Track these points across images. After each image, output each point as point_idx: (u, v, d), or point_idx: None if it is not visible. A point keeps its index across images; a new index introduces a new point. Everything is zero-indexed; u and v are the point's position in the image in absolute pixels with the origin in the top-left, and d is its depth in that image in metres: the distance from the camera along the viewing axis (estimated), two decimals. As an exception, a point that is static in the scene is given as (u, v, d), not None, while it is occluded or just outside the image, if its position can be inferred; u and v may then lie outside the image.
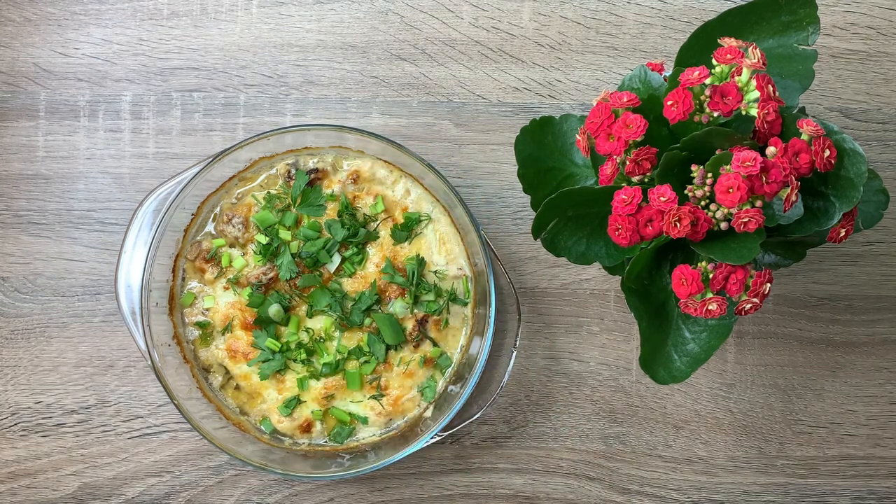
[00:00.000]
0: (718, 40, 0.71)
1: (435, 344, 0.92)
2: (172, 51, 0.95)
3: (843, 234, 0.73)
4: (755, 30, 0.75)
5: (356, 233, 0.91)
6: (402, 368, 0.92)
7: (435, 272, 0.92)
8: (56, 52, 0.95)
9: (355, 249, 0.92)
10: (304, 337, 0.92)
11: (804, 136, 0.68)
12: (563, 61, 0.95)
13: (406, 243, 0.92)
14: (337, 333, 0.92)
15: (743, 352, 0.96)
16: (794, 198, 0.67)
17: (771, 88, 0.68)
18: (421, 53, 0.95)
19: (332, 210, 0.92)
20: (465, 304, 0.92)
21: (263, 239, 0.91)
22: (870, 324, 0.96)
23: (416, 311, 0.91)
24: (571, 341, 0.95)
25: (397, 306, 0.91)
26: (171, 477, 0.94)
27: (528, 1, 0.95)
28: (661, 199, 0.68)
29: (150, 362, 0.87)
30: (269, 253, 0.91)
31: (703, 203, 0.68)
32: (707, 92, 0.69)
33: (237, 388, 0.93)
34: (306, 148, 0.92)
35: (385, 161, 0.92)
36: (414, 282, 0.91)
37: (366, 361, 0.91)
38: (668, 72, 0.75)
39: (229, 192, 0.93)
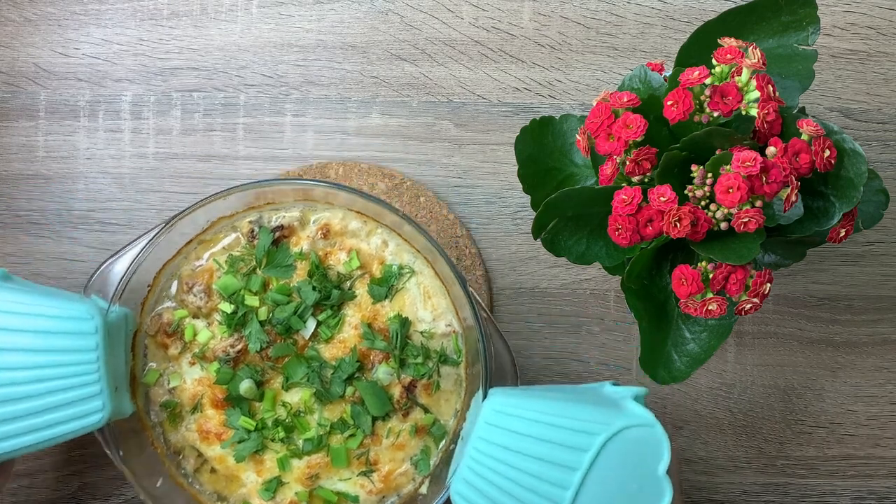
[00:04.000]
0: (718, 40, 0.71)
1: (426, 410, 0.84)
2: (172, 51, 0.95)
3: (843, 234, 0.73)
4: (755, 30, 0.75)
5: (329, 294, 0.83)
6: (391, 440, 0.84)
7: (422, 332, 0.84)
8: (56, 52, 0.95)
9: (330, 311, 0.84)
10: (282, 412, 0.84)
11: (804, 137, 0.68)
12: (563, 61, 0.95)
13: (386, 301, 0.84)
14: (317, 406, 0.84)
15: (743, 352, 0.96)
16: (794, 198, 0.67)
17: (771, 88, 0.68)
18: (421, 53, 0.95)
19: (302, 270, 0.84)
20: (457, 363, 0.84)
21: (228, 307, 0.83)
22: (870, 324, 0.95)
23: (402, 375, 0.83)
24: (571, 341, 0.95)
25: (381, 372, 0.83)
26: None
27: (529, 1, 0.95)
28: (661, 199, 0.68)
29: (113, 457, 0.80)
30: (236, 322, 0.83)
31: (703, 203, 0.68)
32: (707, 92, 0.69)
33: (213, 471, 0.85)
34: (269, 203, 0.85)
35: (357, 212, 0.85)
36: (398, 344, 0.83)
37: (351, 435, 0.84)
38: (668, 72, 0.75)
39: (188, 258, 0.85)
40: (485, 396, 0.76)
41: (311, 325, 0.84)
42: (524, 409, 0.72)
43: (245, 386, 0.83)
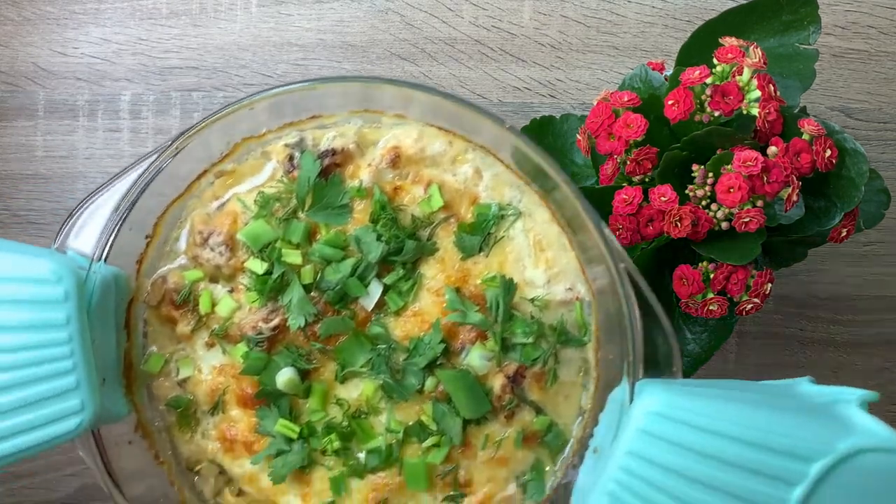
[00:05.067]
0: (719, 39, 0.70)
1: (539, 411, 0.62)
2: (171, 50, 0.94)
3: (844, 234, 0.72)
4: (756, 29, 0.75)
5: (401, 247, 0.61)
6: (489, 452, 0.61)
7: (532, 301, 0.62)
8: (55, 52, 0.94)
9: (402, 271, 0.61)
10: (336, 413, 0.62)
11: (805, 136, 0.68)
12: (563, 60, 0.95)
13: (481, 255, 0.62)
14: (385, 405, 0.62)
15: (744, 352, 0.95)
16: (795, 197, 0.67)
17: (772, 88, 0.69)
18: (421, 52, 0.95)
19: (362, 212, 0.63)
20: (583, 344, 0.63)
21: (259, 266, 0.62)
22: (871, 324, 0.95)
23: (505, 362, 0.61)
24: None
25: (475, 357, 0.61)
26: None
27: (529, 0, 0.95)
28: (662, 198, 0.67)
29: (100, 478, 0.60)
30: (270, 288, 0.62)
31: (703, 203, 0.68)
32: (708, 91, 0.68)
33: (241, 494, 0.63)
34: (314, 117, 0.62)
35: (439, 128, 0.62)
36: (498, 317, 0.60)
37: (433, 445, 0.61)
38: (669, 71, 0.75)
39: (201, 197, 0.63)
40: (632, 392, 0.56)
41: (376, 290, 0.62)
42: (701, 414, 0.51)
43: (284, 377, 0.61)
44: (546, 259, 0.63)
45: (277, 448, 0.62)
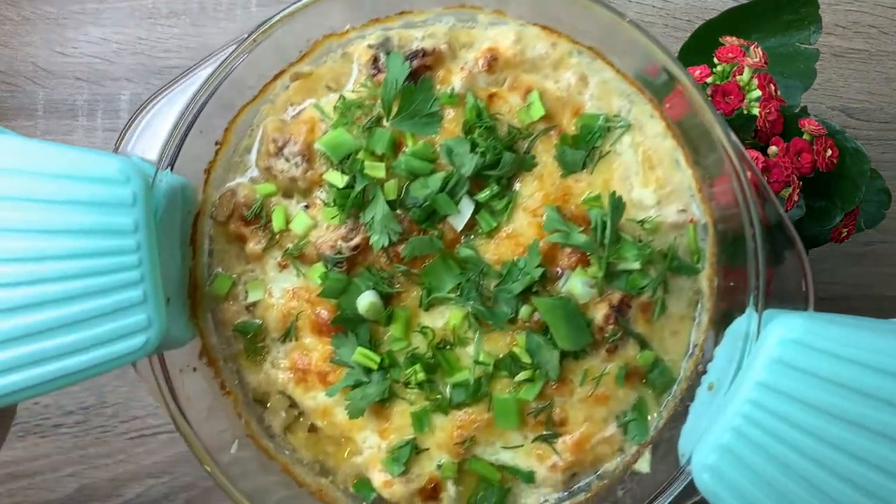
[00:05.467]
0: (720, 39, 0.70)
1: (644, 345, 0.56)
2: (171, 49, 0.92)
3: (844, 233, 0.71)
4: (757, 29, 0.74)
5: (497, 160, 0.54)
6: (587, 389, 0.56)
7: (640, 223, 0.55)
8: (54, 52, 0.92)
9: (497, 188, 0.55)
10: (420, 343, 0.56)
11: (806, 136, 0.67)
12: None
13: (584, 172, 0.55)
14: (474, 335, 0.56)
15: None
16: (795, 197, 0.66)
17: (773, 87, 0.68)
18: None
19: (453, 121, 0.55)
20: (696, 271, 0.56)
21: (338, 179, 0.55)
22: (871, 324, 0.96)
23: (608, 290, 0.55)
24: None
25: (576, 284, 0.54)
26: (171, 478, 0.89)
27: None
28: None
29: (163, 406, 0.54)
30: (351, 203, 0.55)
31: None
32: (708, 91, 0.68)
33: (312, 430, 0.58)
34: (403, 13, 0.55)
35: (542, 26, 0.54)
36: (603, 239, 0.53)
37: (526, 380, 0.56)
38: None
39: (275, 103, 0.57)
40: (759, 323, 0.50)
41: (467, 208, 0.55)
42: (846, 344, 0.45)
43: (365, 301, 0.55)
44: (656, 177, 0.57)
45: (355, 379, 0.57)
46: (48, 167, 0.48)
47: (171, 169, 0.55)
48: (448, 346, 0.57)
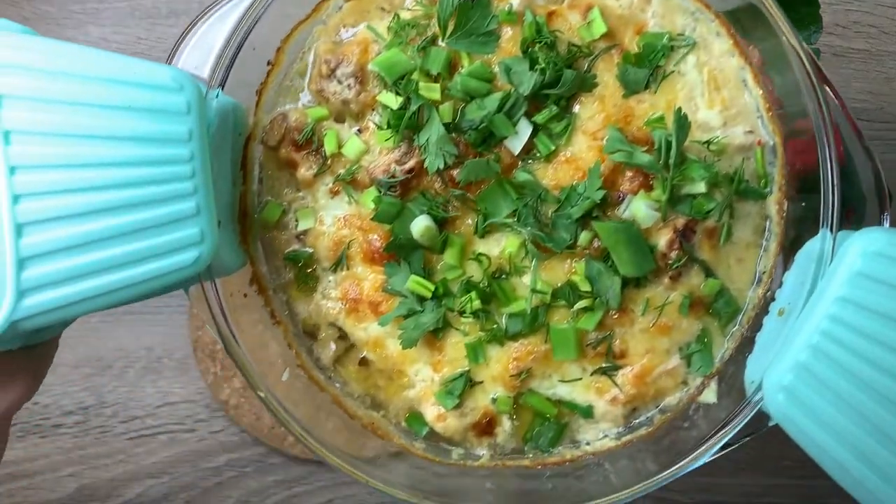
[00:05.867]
0: None
1: (709, 273, 0.54)
2: (171, 49, 0.93)
3: None
4: (757, 28, 0.74)
5: (557, 79, 0.51)
6: (649, 319, 0.53)
7: (705, 144, 0.52)
8: None
9: (556, 109, 0.52)
10: (475, 271, 0.54)
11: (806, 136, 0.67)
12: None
13: (647, 93, 0.53)
14: (531, 262, 0.54)
15: (744, 352, 0.93)
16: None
17: (773, 87, 0.67)
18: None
19: (511, 40, 0.53)
20: (763, 196, 0.53)
21: (392, 101, 0.53)
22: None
23: (672, 214, 0.52)
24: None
25: (639, 207, 0.52)
26: (170, 478, 0.90)
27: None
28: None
29: (216, 330, 0.52)
30: (405, 125, 0.53)
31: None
32: None
33: (363, 363, 0.56)
34: None
35: None
36: (668, 161, 0.50)
37: (585, 309, 0.53)
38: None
39: (327, 24, 0.55)
40: (834, 244, 0.48)
41: (525, 130, 0.52)
42: None
43: (420, 226, 0.53)
44: (722, 98, 0.54)
45: (408, 308, 0.55)
46: (101, 71, 0.47)
47: (223, 88, 0.53)
48: (504, 275, 0.55)
